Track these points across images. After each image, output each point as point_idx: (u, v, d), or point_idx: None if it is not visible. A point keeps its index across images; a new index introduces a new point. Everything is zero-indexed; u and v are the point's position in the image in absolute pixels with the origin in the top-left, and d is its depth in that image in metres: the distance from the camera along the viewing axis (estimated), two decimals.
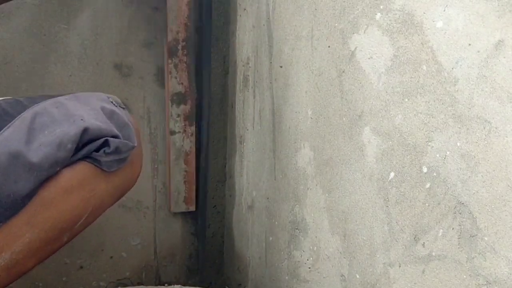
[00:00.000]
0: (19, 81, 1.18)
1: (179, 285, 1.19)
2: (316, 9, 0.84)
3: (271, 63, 1.02)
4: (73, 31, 1.21)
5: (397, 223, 0.66)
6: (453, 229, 0.58)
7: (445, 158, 0.58)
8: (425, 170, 0.62)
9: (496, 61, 0.52)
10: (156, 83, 1.30)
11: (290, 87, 0.94)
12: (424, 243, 0.62)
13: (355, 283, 0.75)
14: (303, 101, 0.89)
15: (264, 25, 1.05)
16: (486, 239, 0.53)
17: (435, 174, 0.60)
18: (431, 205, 0.61)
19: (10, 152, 0.64)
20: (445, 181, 0.59)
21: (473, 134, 0.55)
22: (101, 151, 0.71)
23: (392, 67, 0.66)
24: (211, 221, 1.32)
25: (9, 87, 1.17)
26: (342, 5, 0.77)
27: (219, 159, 1.29)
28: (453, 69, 0.57)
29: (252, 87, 1.13)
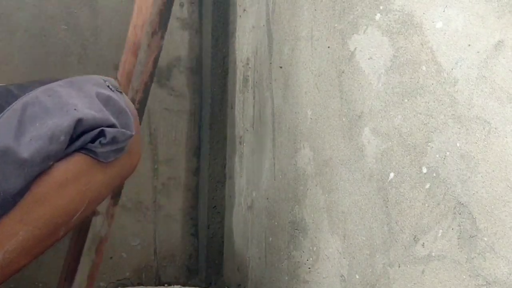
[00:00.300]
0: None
1: (179, 286, 1.20)
2: (315, 10, 0.84)
3: (270, 63, 1.02)
4: (73, 31, 1.21)
5: (396, 223, 0.66)
6: (452, 229, 0.58)
7: (444, 158, 0.58)
8: (424, 170, 0.62)
9: (495, 61, 0.52)
10: (156, 83, 1.30)
11: (289, 88, 0.94)
12: (423, 243, 0.62)
13: (355, 283, 0.75)
14: (302, 102, 0.89)
15: (263, 25, 1.05)
16: (485, 239, 0.53)
17: (434, 174, 0.60)
18: (431, 206, 0.61)
19: None
20: (444, 182, 0.59)
21: (472, 134, 0.55)
22: (97, 142, 0.67)
23: (391, 68, 0.66)
24: (211, 222, 1.32)
25: None
26: (341, 6, 0.77)
27: (218, 160, 1.29)
28: (452, 69, 0.57)
29: (252, 88, 1.12)
